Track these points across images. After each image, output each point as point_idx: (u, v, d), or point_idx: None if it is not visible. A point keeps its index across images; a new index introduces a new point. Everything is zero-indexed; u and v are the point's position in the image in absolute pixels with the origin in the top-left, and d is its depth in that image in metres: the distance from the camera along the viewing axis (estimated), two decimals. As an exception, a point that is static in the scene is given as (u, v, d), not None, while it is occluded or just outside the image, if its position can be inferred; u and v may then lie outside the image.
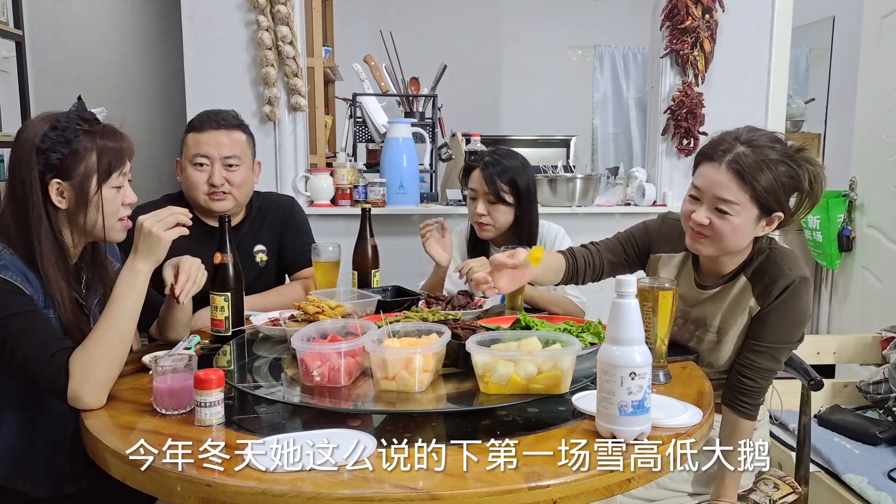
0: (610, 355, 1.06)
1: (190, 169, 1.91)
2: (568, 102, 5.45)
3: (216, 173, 1.90)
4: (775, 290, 1.42)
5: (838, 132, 4.27)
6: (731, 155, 1.36)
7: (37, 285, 1.29)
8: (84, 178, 1.32)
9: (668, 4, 2.79)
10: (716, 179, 1.38)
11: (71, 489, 1.37)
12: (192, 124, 1.95)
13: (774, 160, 1.35)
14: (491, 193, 2.02)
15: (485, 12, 5.49)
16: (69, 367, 1.19)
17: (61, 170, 1.31)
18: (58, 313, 1.31)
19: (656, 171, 2.94)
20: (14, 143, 1.34)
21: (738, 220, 1.38)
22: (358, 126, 3.21)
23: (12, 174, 1.31)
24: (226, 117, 1.95)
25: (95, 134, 1.34)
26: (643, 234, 1.65)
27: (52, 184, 1.31)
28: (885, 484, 1.91)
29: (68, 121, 1.32)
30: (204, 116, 1.95)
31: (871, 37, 3.28)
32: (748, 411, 1.46)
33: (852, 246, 3.34)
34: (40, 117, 1.34)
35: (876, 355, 2.42)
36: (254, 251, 2.03)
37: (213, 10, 2.61)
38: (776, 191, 1.35)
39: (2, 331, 1.21)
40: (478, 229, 2.10)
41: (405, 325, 1.38)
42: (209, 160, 1.90)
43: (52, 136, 1.30)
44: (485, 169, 2.03)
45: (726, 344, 1.50)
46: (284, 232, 2.09)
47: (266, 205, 2.10)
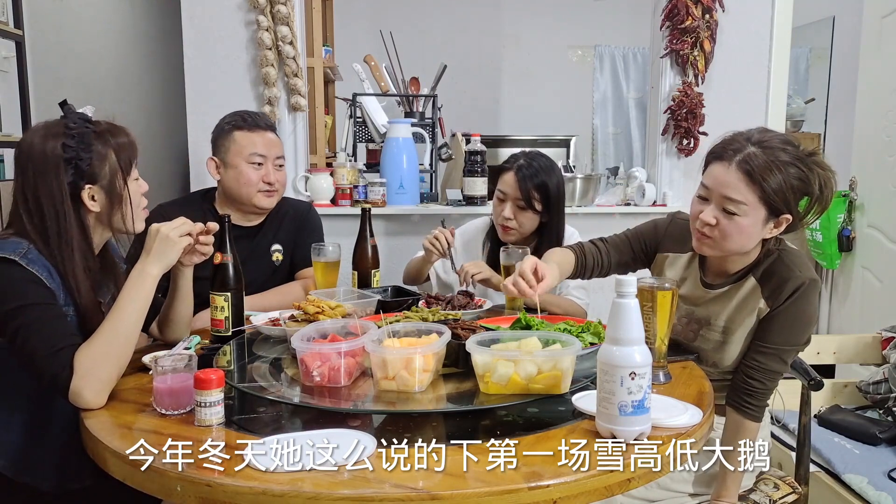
0: (610, 355, 1.06)
1: (245, 166, 1.98)
2: (568, 102, 5.45)
3: (271, 172, 2.00)
4: (785, 291, 1.41)
5: (838, 132, 4.27)
6: (742, 155, 1.36)
7: (58, 283, 1.31)
8: (112, 177, 1.36)
9: (668, 4, 2.79)
10: (725, 179, 1.37)
11: (77, 485, 1.38)
12: (236, 124, 2.01)
13: (785, 162, 1.35)
14: (521, 199, 1.98)
15: (485, 12, 5.49)
16: (74, 363, 1.20)
17: (90, 174, 1.34)
18: (77, 311, 1.33)
19: (656, 171, 2.94)
20: (26, 157, 1.33)
21: (745, 221, 1.37)
22: (358, 126, 3.21)
23: (32, 186, 1.31)
24: (267, 120, 2.06)
25: (104, 133, 1.36)
26: (652, 233, 1.65)
27: (85, 190, 1.34)
28: (885, 484, 1.91)
29: (77, 126, 1.33)
30: (248, 116, 2.02)
31: (871, 37, 3.28)
32: (754, 413, 1.46)
33: (852, 246, 3.34)
34: (42, 127, 1.35)
35: (876, 355, 2.42)
36: (271, 250, 2.09)
37: (213, 10, 2.61)
38: (785, 193, 1.35)
39: (18, 318, 1.23)
40: (501, 232, 2.06)
41: (405, 325, 1.38)
42: (265, 158, 2.00)
43: (73, 144, 1.32)
44: (518, 173, 1.98)
45: (732, 344, 1.49)
46: (300, 233, 2.16)
47: (286, 207, 2.17)
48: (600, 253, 1.66)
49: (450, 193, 2.81)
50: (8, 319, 1.23)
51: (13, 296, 1.24)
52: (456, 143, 2.95)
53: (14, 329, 1.23)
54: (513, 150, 2.21)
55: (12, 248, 1.27)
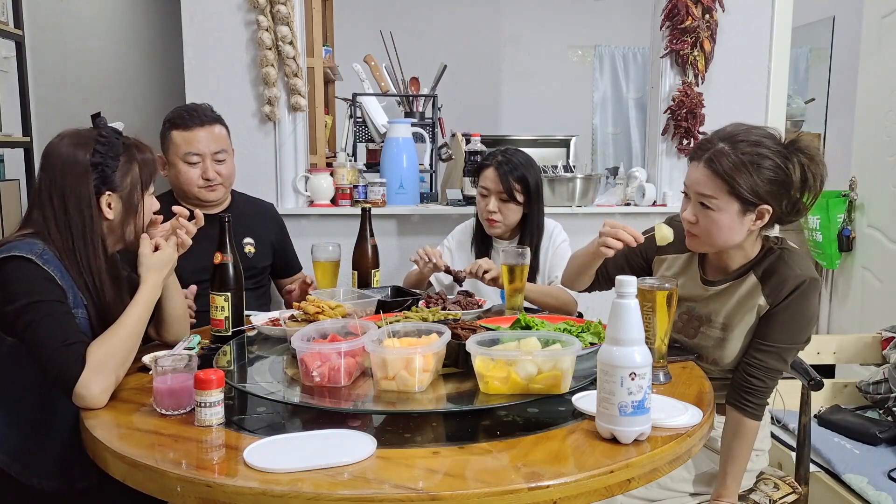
0: (610, 355, 1.06)
1: (182, 166, 2.00)
2: (568, 102, 5.45)
3: (210, 168, 2.01)
4: (785, 290, 1.42)
5: (838, 132, 4.27)
6: (709, 153, 1.41)
7: (70, 284, 1.33)
8: (131, 189, 1.41)
9: (668, 4, 2.79)
10: (696, 177, 1.43)
11: (81, 484, 1.38)
12: (173, 122, 2.02)
13: (756, 154, 1.37)
14: (504, 192, 2.07)
15: (485, 12, 5.49)
16: (87, 356, 1.23)
17: (113, 183, 1.39)
18: (87, 315, 1.36)
19: (656, 171, 2.94)
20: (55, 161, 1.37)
21: (719, 216, 1.41)
22: (358, 126, 3.21)
23: (60, 189, 1.36)
24: (207, 113, 2.04)
25: (132, 147, 1.43)
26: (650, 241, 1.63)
27: (104, 196, 1.38)
28: (885, 484, 1.91)
29: (109, 136, 1.39)
30: (185, 113, 2.02)
31: (871, 37, 3.28)
32: (753, 411, 1.46)
33: (852, 246, 3.34)
34: (72, 134, 1.39)
35: (876, 355, 2.42)
36: (243, 242, 2.12)
37: (213, 10, 2.61)
38: (754, 186, 1.37)
39: (29, 313, 1.26)
40: (487, 226, 2.14)
41: (405, 325, 1.39)
42: (201, 156, 2.00)
43: (103, 151, 1.37)
44: (499, 168, 2.08)
45: (732, 341, 1.50)
46: (280, 235, 2.25)
47: (248, 201, 2.23)
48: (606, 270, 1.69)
49: (450, 193, 2.81)
50: (21, 314, 1.26)
51: (28, 292, 1.27)
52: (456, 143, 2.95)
53: (26, 323, 1.25)
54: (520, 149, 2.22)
55: (29, 247, 1.30)
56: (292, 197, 2.72)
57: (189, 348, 1.44)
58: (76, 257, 1.35)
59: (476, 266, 1.94)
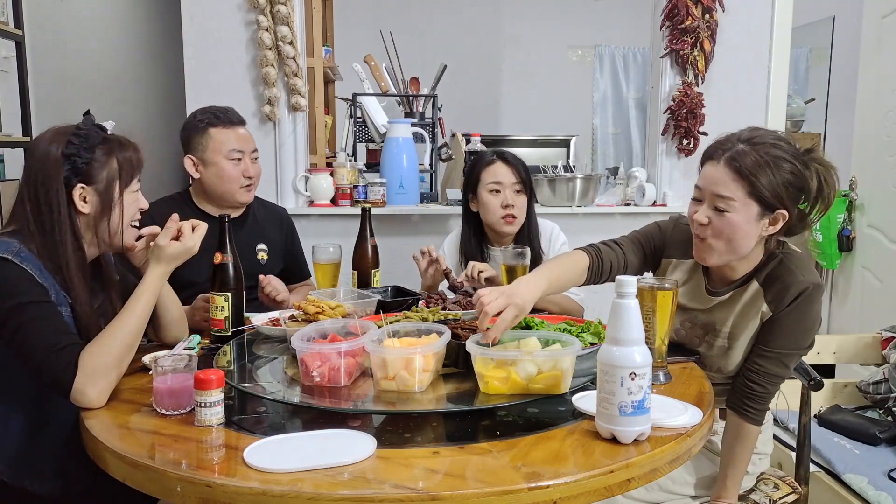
0: (610, 355, 1.06)
1: (225, 163, 1.98)
2: (568, 102, 5.45)
3: (250, 166, 2.01)
4: (788, 296, 1.40)
5: (838, 132, 4.27)
6: (731, 153, 1.37)
7: (51, 283, 1.31)
8: (108, 182, 1.38)
9: (668, 4, 2.79)
10: (714, 177, 1.38)
11: (78, 488, 1.38)
12: (210, 121, 1.99)
13: (776, 157, 1.34)
14: (518, 182, 2.06)
15: (485, 12, 5.50)
16: (79, 361, 1.21)
17: (86, 175, 1.36)
18: (72, 313, 1.33)
19: (656, 171, 2.94)
20: (32, 156, 1.36)
21: (736, 218, 1.36)
22: (358, 126, 3.21)
23: (34, 183, 1.34)
24: (238, 115, 2.05)
25: (113, 142, 1.40)
26: (658, 235, 1.62)
27: (77, 189, 1.35)
28: (885, 484, 1.91)
29: (87, 128, 1.37)
30: (220, 113, 2.01)
31: (871, 37, 3.28)
32: (754, 416, 1.45)
33: (852, 246, 3.34)
34: (53, 130, 1.38)
35: (876, 355, 2.42)
36: (256, 248, 2.09)
37: (213, 10, 2.61)
38: (776, 188, 1.34)
39: (18, 316, 1.24)
40: (502, 224, 2.07)
41: (405, 325, 1.38)
42: (243, 154, 2.00)
43: (76, 142, 1.34)
44: (506, 162, 2.08)
45: (737, 349, 1.48)
46: (291, 241, 2.22)
47: (263, 206, 2.19)
48: (618, 257, 1.58)
49: (450, 193, 2.81)
50: (7, 317, 1.24)
51: (11, 293, 1.25)
52: (456, 143, 2.95)
53: (14, 327, 1.23)
54: (513, 150, 2.22)
55: (5, 247, 1.28)
56: (292, 197, 2.72)
57: (189, 348, 1.44)
58: (48, 252, 1.32)
59: (471, 268, 1.91)
